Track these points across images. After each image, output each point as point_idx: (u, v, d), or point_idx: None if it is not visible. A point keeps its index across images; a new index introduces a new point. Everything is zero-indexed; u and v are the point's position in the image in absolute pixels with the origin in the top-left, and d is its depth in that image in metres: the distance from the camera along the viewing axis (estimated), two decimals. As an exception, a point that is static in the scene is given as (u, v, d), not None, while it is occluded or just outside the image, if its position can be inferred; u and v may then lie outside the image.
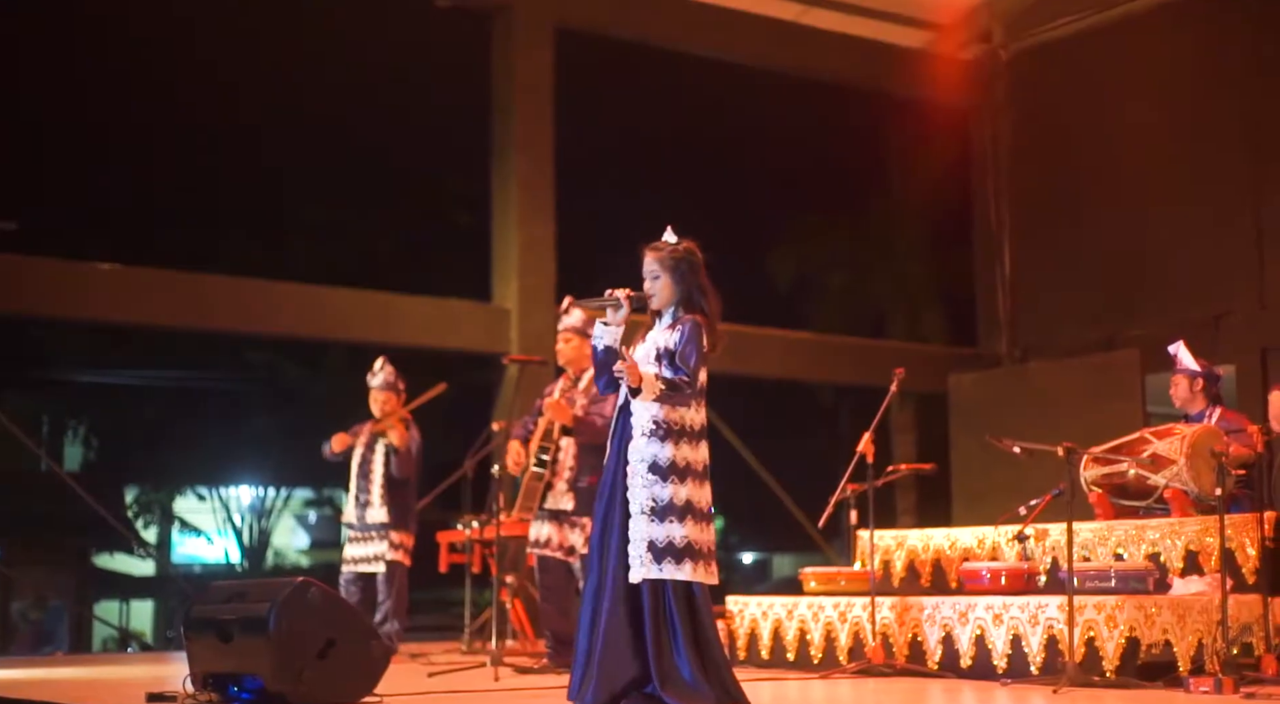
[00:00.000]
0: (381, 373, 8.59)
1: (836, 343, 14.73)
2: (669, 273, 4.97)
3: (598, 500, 4.99)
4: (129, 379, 19.75)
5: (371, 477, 8.43)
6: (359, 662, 5.39)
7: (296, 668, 5.20)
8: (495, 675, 6.64)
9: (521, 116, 12.33)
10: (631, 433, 4.87)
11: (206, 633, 5.50)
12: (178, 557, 22.19)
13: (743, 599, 7.60)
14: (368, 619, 5.74)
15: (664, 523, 4.77)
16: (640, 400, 4.81)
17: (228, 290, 11.55)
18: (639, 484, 4.81)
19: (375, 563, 8.37)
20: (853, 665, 6.79)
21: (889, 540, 7.73)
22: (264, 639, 5.20)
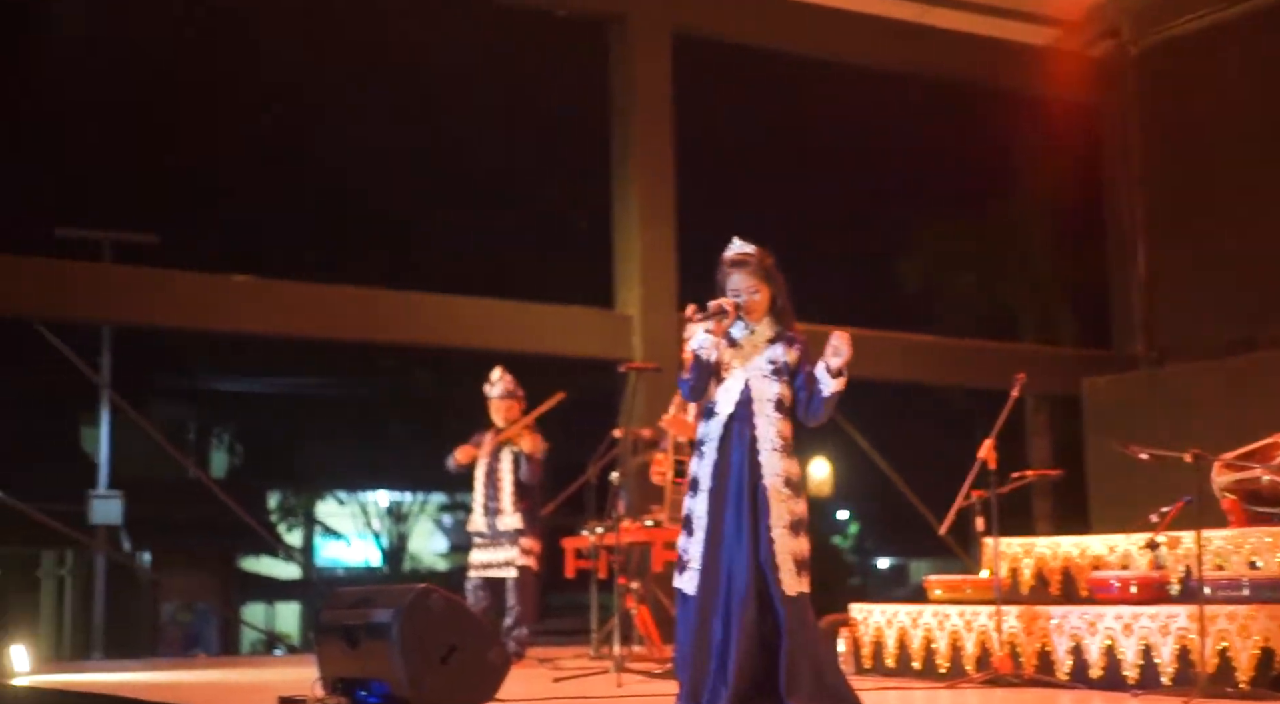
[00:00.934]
0: (500, 382, 8.70)
1: (965, 346, 14.52)
2: (765, 282, 5.05)
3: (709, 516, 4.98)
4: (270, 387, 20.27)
5: (500, 484, 8.54)
6: (480, 667, 5.48)
7: (419, 673, 5.30)
8: (619, 681, 6.68)
9: (640, 123, 12.37)
10: (758, 446, 4.90)
11: (335, 638, 5.64)
12: (321, 560, 22.70)
13: (867, 607, 7.55)
14: (488, 626, 5.82)
15: (798, 537, 4.91)
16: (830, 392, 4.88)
17: (356, 301, 11.78)
18: (779, 499, 4.88)
19: (506, 568, 8.48)
20: (980, 675, 6.71)
21: (1017, 548, 7.60)
22: (388, 645, 5.31)
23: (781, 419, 4.95)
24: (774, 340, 5.03)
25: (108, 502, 15.95)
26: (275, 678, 7.55)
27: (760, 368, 4.98)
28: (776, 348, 5.01)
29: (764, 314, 5.05)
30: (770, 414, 4.94)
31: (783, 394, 4.97)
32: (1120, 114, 13.68)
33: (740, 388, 5.00)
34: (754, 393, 4.98)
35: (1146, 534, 6.82)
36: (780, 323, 5.06)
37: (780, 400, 4.97)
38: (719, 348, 5.03)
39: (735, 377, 5.03)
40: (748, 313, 5.04)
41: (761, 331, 5.05)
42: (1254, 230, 12.28)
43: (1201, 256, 12.82)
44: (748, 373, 4.99)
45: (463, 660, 5.43)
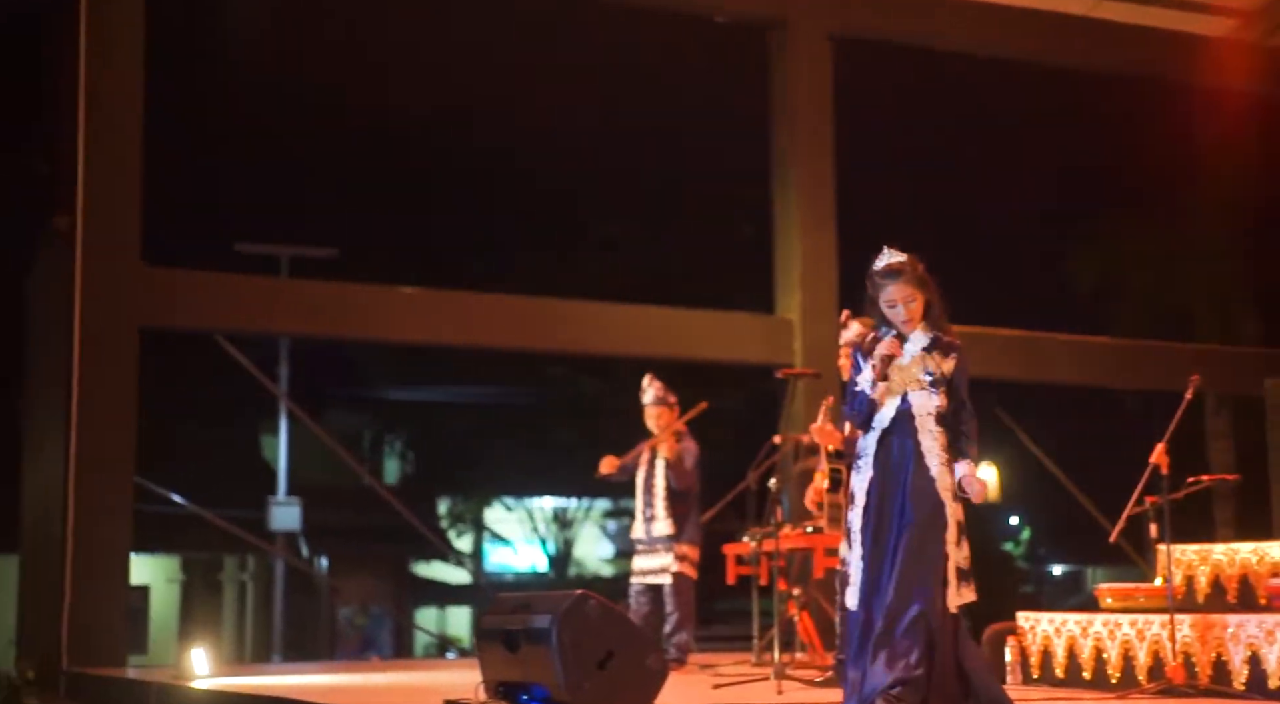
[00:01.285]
0: (651, 389, 8.74)
1: (1140, 347, 14.12)
2: (920, 289, 4.99)
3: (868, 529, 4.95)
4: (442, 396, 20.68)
5: (655, 491, 8.59)
6: (637, 673, 5.50)
7: (578, 678, 5.35)
8: (779, 689, 6.65)
9: (801, 127, 12.31)
10: (925, 461, 4.89)
11: (495, 642, 5.73)
12: (490, 565, 23.06)
13: (1034, 615, 7.38)
14: (646, 632, 5.85)
15: (960, 546, 4.89)
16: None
17: (521, 310, 11.95)
18: (949, 513, 4.86)
19: (661, 575, 8.52)
20: (1153, 686, 6.51)
21: (1192, 555, 7.35)
22: (547, 650, 5.37)
23: (942, 431, 4.92)
24: (929, 348, 4.97)
25: (286, 508, 16.45)
26: (444, 681, 7.68)
27: (917, 379, 4.94)
28: (931, 357, 4.96)
29: (920, 322, 4.99)
30: (932, 428, 4.91)
31: (941, 405, 4.92)
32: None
33: (897, 403, 4.96)
34: (914, 407, 4.94)
35: (1330, 540, 6.56)
36: (934, 329, 5.00)
37: (940, 413, 4.93)
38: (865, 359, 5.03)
39: (893, 389, 4.99)
40: (906, 325, 4.98)
41: (916, 340, 4.99)
42: None
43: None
44: (906, 385, 4.95)
45: (620, 666, 5.46)
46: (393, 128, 16.26)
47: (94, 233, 9.96)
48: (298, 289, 12.82)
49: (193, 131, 16.24)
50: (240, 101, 16.11)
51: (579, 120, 15.14)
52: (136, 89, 10.21)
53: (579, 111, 15.03)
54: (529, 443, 20.18)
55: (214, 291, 10.94)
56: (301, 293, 12.04)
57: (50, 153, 10.78)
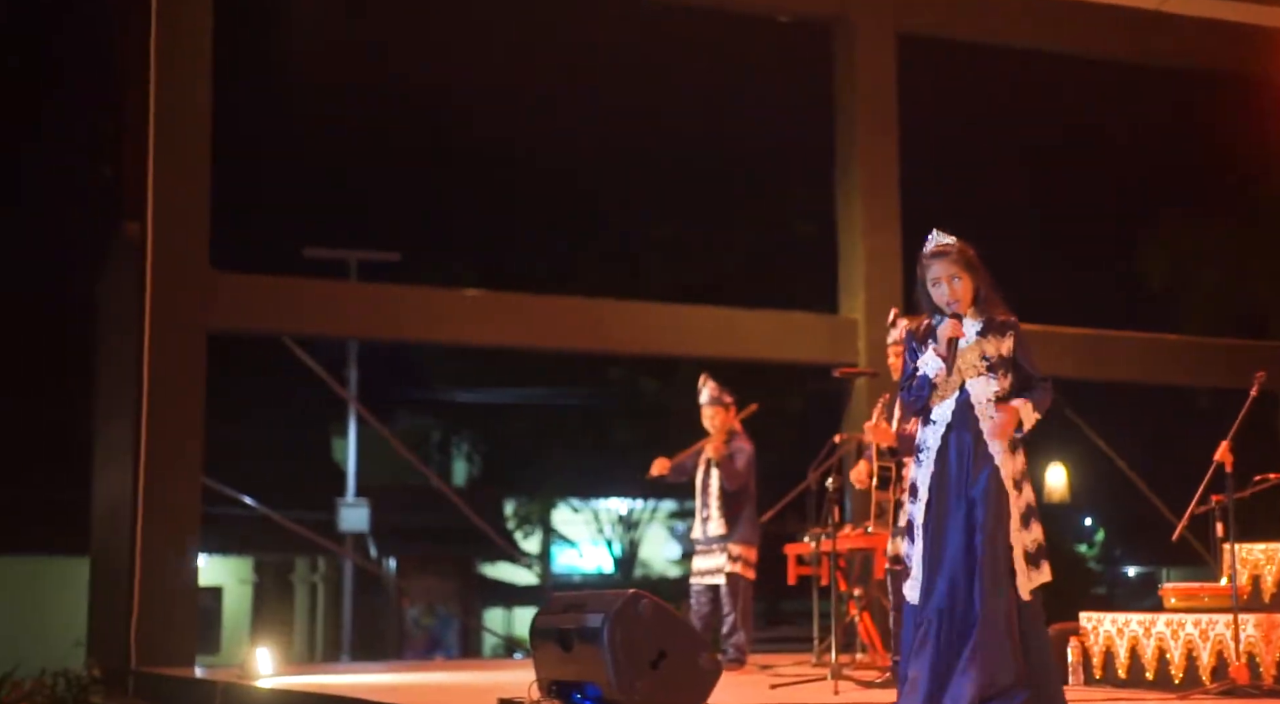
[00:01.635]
0: (706, 389, 8.74)
1: (1211, 344, 13.90)
2: (967, 271, 4.90)
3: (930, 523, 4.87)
4: (508, 398, 20.79)
5: (710, 491, 8.59)
6: (690, 673, 5.50)
7: (630, 677, 5.36)
8: (835, 689, 6.62)
9: (864, 126, 12.23)
10: (989, 450, 4.81)
11: (549, 641, 5.75)
12: (558, 567, 23.14)
13: (1096, 615, 7.29)
14: (698, 632, 5.85)
15: (1029, 528, 4.82)
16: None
17: (582, 311, 12.00)
18: (1011, 499, 4.79)
19: (716, 575, 8.51)
20: (1216, 686, 6.41)
21: (1258, 554, 7.23)
22: (599, 648, 5.38)
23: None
24: (983, 332, 4.88)
25: (355, 510, 16.61)
26: (504, 680, 7.72)
27: (974, 366, 4.86)
28: (987, 341, 4.87)
29: (969, 305, 4.91)
30: (993, 414, 4.81)
31: (1001, 389, 4.84)
32: (1378, 96, 12.88)
33: (955, 393, 4.89)
34: (973, 395, 4.86)
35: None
36: (986, 313, 4.90)
37: (1000, 397, 4.84)
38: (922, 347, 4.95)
39: (951, 380, 4.90)
40: (953, 307, 4.90)
41: (969, 327, 4.89)
42: None
43: None
44: (964, 374, 4.88)
45: (673, 665, 5.46)
46: (458, 133, 16.38)
47: (163, 239, 10.11)
48: (362, 292, 12.97)
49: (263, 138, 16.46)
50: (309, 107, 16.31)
51: (641, 123, 15.18)
52: (205, 95, 10.35)
53: (641, 114, 15.06)
54: (592, 444, 20.24)
55: (280, 296, 11.07)
56: (366, 296, 12.17)
57: (120, 159, 10.96)
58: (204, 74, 10.36)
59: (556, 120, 15.49)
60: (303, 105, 16.13)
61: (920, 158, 12.69)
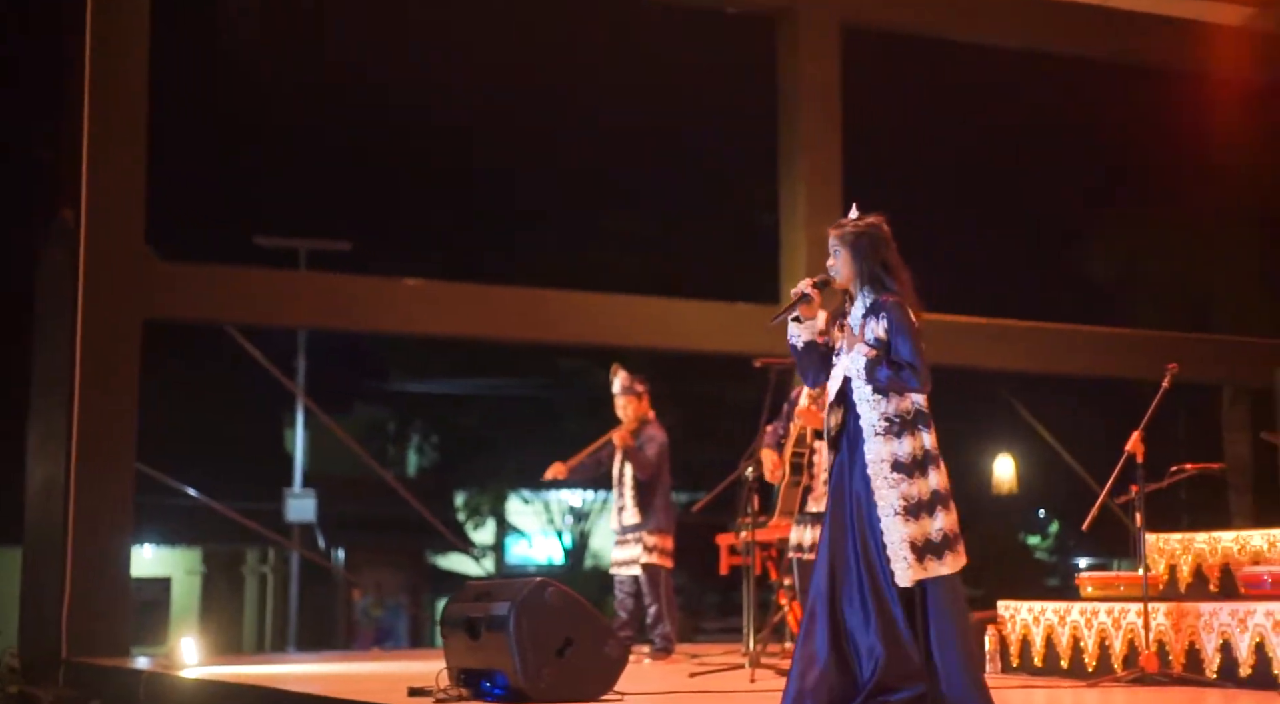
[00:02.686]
0: (617, 379, 8.75)
1: (1158, 338, 13.98)
2: (847, 248, 4.87)
3: (829, 507, 4.86)
4: (463, 388, 20.76)
5: (624, 481, 8.60)
6: (596, 660, 5.53)
7: (536, 665, 5.37)
8: (752, 677, 6.65)
9: (808, 116, 12.25)
10: (861, 434, 4.77)
11: (458, 630, 5.75)
12: (512, 558, 23.13)
13: (1014, 604, 7.35)
14: (605, 620, 5.85)
15: (919, 519, 4.68)
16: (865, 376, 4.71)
17: (533, 301, 11.98)
18: (886, 485, 4.70)
19: (633, 566, 8.52)
20: (1127, 674, 6.47)
21: (1175, 544, 7.30)
22: (505, 636, 5.39)
23: (884, 399, 4.72)
24: (867, 313, 4.81)
25: (302, 500, 16.55)
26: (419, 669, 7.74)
27: (860, 348, 4.79)
28: (869, 324, 4.79)
29: (850, 283, 4.85)
30: (869, 397, 4.74)
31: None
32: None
33: (841, 377, 4.85)
34: (853, 377, 4.80)
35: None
36: (873, 295, 4.82)
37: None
38: (832, 327, 4.90)
39: (842, 362, 4.86)
40: (836, 282, 4.88)
41: (856, 309, 4.85)
42: None
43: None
44: (851, 355, 4.82)
45: (579, 653, 5.48)
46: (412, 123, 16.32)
47: (97, 225, 10.03)
48: (310, 281, 12.93)
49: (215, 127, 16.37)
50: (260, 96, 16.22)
51: (590, 113, 15.15)
52: (141, 80, 10.27)
53: (590, 105, 15.03)
54: (543, 435, 20.22)
55: (224, 284, 11.01)
56: (314, 285, 12.12)
57: (58, 144, 10.87)
58: (140, 58, 10.28)
59: (509, 111, 15.44)
60: (253, 94, 16.04)
61: (866, 149, 12.71)
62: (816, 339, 4.86)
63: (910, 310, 4.78)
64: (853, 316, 4.86)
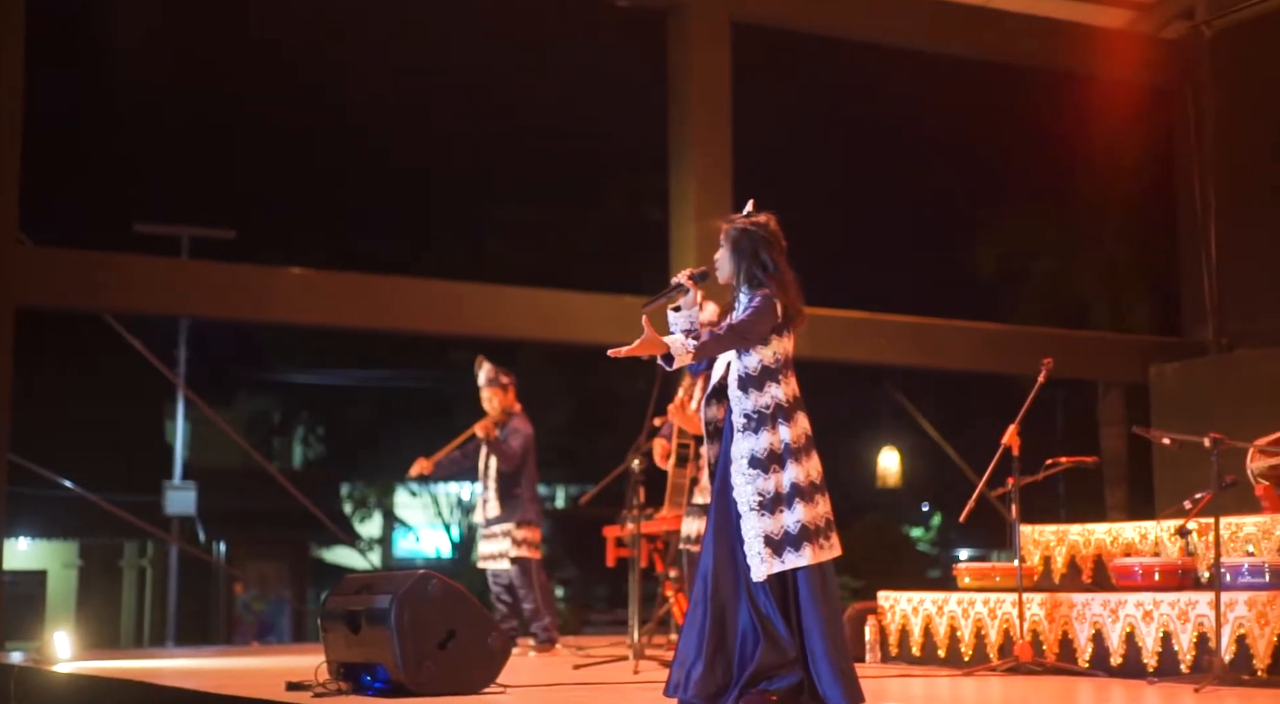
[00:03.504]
0: (482, 371, 8.72)
1: (1037, 334, 14.28)
2: (728, 246, 4.93)
3: (713, 500, 4.90)
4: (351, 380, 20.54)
5: (489, 474, 8.58)
6: (478, 652, 5.50)
7: (417, 658, 5.33)
8: (635, 669, 6.67)
9: (698, 111, 12.31)
10: (730, 430, 4.81)
11: (338, 624, 5.69)
12: (399, 551, 22.93)
13: (894, 595, 7.46)
14: (487, 612, 5.83)
15: (774, 514, 4.70)
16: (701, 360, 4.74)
17: (423, 293, 11.89)
18: (743, 481, 4.75)
19: (501, 560, 8.50)
20: (1002, 663, 6.60)
21: (1050, 535, 7.47)
22: (387, 629, 5.35)
23: (744, 395, 4.76)
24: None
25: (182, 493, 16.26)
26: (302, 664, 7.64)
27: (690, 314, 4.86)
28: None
29: (730, 279, 4.91)
30: (735, 393, 4.79)
31: (742, 367, 4.77)
32: (1194, 98, 13.34)
33: (723, 369, 4.90)
34: (729, 374, 4.86)
35: (1179, 521, 6.66)
36: (750, 294, 4.84)
37: (741, 376, 4.78)
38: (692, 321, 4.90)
39: (724, 355, 4.90)
40: (721, 280, 4.92)
41: (738, 305, 4.88)
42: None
43: (1273, 243, 12.48)
44: (725, 354, 4.87)
45: (461, 645, 5.45)
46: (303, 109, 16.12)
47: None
48: (192, 270, 12.67)
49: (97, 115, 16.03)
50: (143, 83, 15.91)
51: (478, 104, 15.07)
52: (15, 66, 10.01)
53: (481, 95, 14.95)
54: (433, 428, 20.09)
55: (99, 271, 10.76)
56: (196, 273, 11.89)
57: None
58: (15, 43, 10.01)
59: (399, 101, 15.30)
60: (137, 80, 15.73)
61: (756, 144, 12.80)
62: (698, 329, 4.88)
63: (777, 305, 4.79)
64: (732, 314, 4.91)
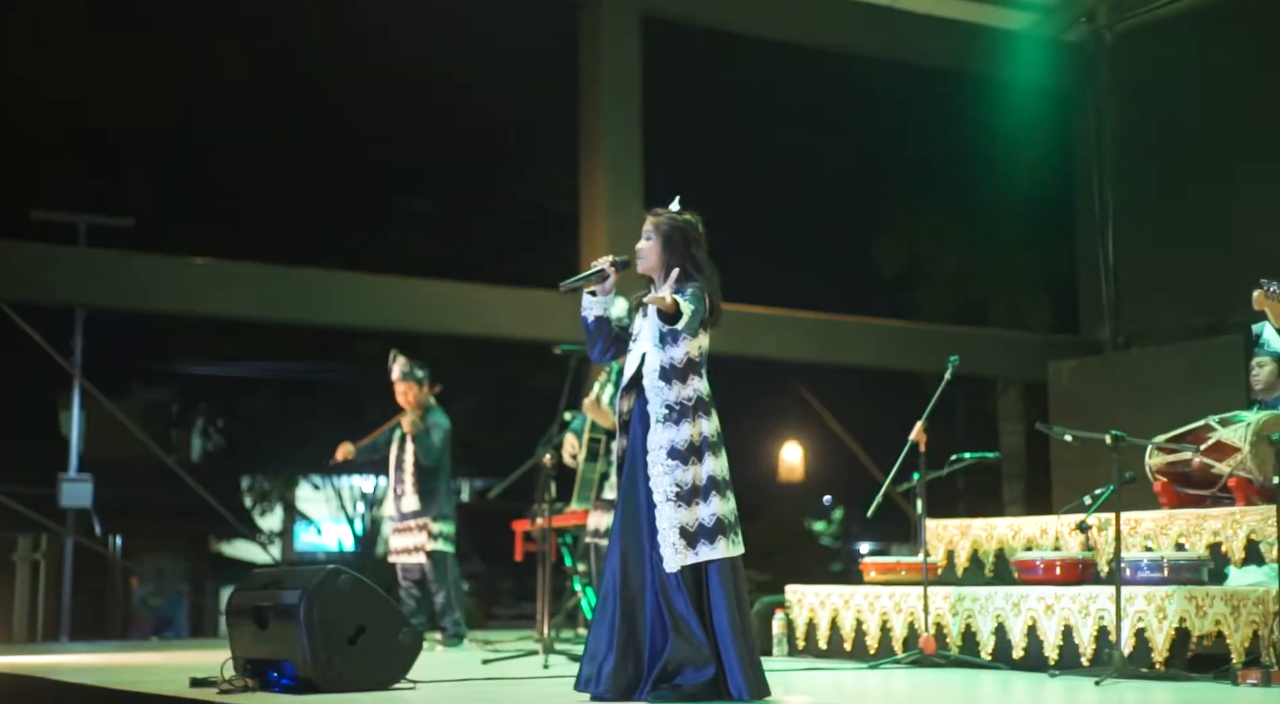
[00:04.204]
0: (397, 365, 8.70)
1: (938, 332, 14.51)
2: (660, 237, 4.96)
3: (621, 492, 4.90)
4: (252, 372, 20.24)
5: (405, 467, 8.55)
6: (389, 648, 5.46)
7: (327, 654, 5.28)
8: (545, 663, 6.67)
9: (608, 106, 12.34)
10: (648, 421, 4.82)
11: (245, 619, 5.62)
12: (300, 545, 22.67)
13: (801, 589, 7.54)
14: (398, 607, 5.80)
15: (691, 506, 4.73)
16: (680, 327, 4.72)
17: (327, 284, 11.79)
18: (661, 472, 4.76)
19: (416, 554, 8.47)
20: (906, 656, 6.70)
21: (953, 530, 7.59)
22: (295, 626, 5.29)
23: (667, 386, 4.79)
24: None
25: (78, 485, 15.91)
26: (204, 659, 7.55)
27: (653, 336, 4.86)
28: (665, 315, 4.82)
29: (656, 271, 4.94)
30: (656, 384, 4.81)
31: (667, 359, 4.80)
32: (1094, 100, 13.62)
33: (639, 361, 4.90)
34: (646, 365, 4.86)
35: (1079, 516, 6.81)
36: (678, 289, 4.86)
37: (664, 368, 4.80)
38: (633, 314, 4.96)
39: (637, 346, 4.92)
40: (640, 265, 4.94)
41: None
42: (1220, 218, 12.24)
43: (1168, 243, 12.79)
44: (646, 343, 4.88)
45: (371, 641, 5.40)
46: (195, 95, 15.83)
47: None
48: (89, 258, 12.46)
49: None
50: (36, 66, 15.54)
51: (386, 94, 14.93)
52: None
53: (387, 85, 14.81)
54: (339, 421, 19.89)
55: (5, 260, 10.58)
56: (92, 262, 11.70)
57: None
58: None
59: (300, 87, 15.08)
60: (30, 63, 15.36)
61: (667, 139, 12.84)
62: (608, 314, 4.92)
63: (708, 299, 4.85)
64: (652, 312, 4.89)
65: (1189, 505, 6.66)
